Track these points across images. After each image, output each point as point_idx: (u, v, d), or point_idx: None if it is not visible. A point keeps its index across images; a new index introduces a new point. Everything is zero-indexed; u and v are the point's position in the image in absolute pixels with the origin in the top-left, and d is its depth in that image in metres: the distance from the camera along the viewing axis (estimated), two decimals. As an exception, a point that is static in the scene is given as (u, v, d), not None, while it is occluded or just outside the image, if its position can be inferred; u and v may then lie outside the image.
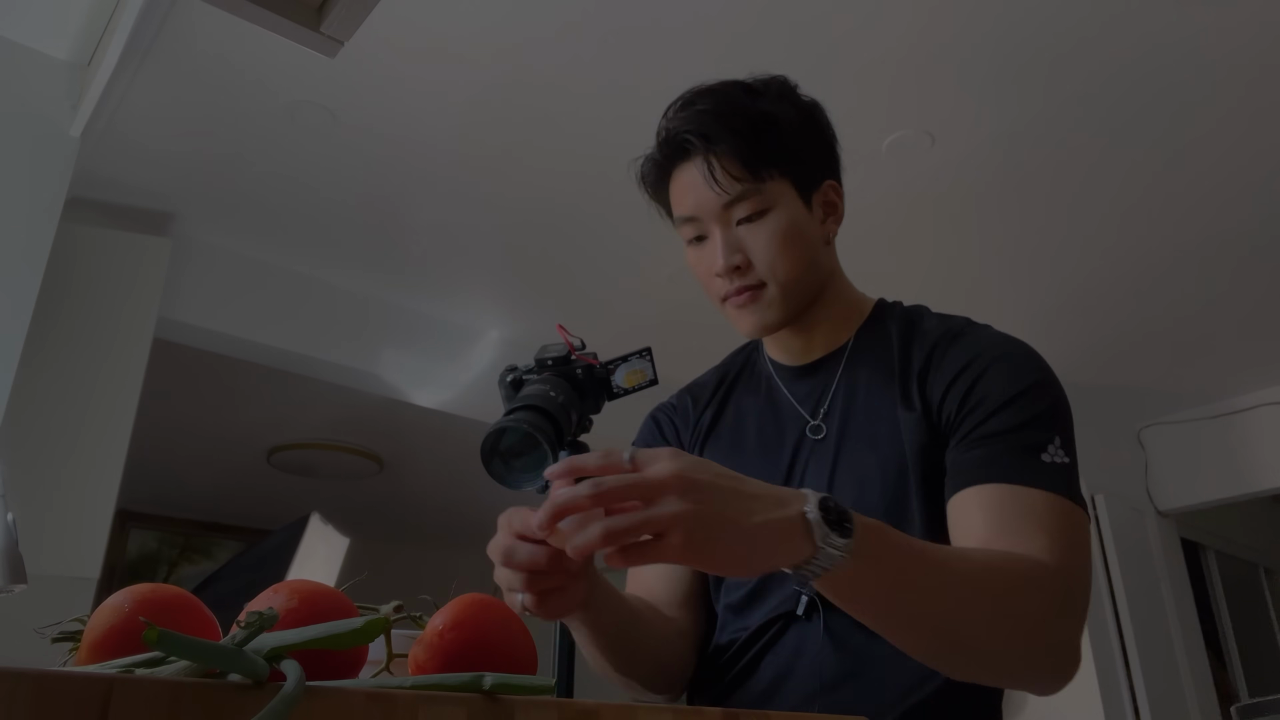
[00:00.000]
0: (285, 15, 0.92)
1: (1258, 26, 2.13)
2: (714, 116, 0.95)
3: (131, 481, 2.43)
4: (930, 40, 2.18)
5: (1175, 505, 4.34)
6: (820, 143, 1.02)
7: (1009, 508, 0.82)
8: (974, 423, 0.88)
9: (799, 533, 0.63)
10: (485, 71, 2.27)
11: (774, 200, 0.95)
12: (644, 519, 0.59)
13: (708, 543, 0.60)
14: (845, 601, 0.69)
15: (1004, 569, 0.76)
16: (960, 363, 0.92)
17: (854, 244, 3.32)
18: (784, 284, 0.95)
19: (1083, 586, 0.81)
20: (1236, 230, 2.95)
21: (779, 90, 1.01)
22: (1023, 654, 0.76)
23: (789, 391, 1.04)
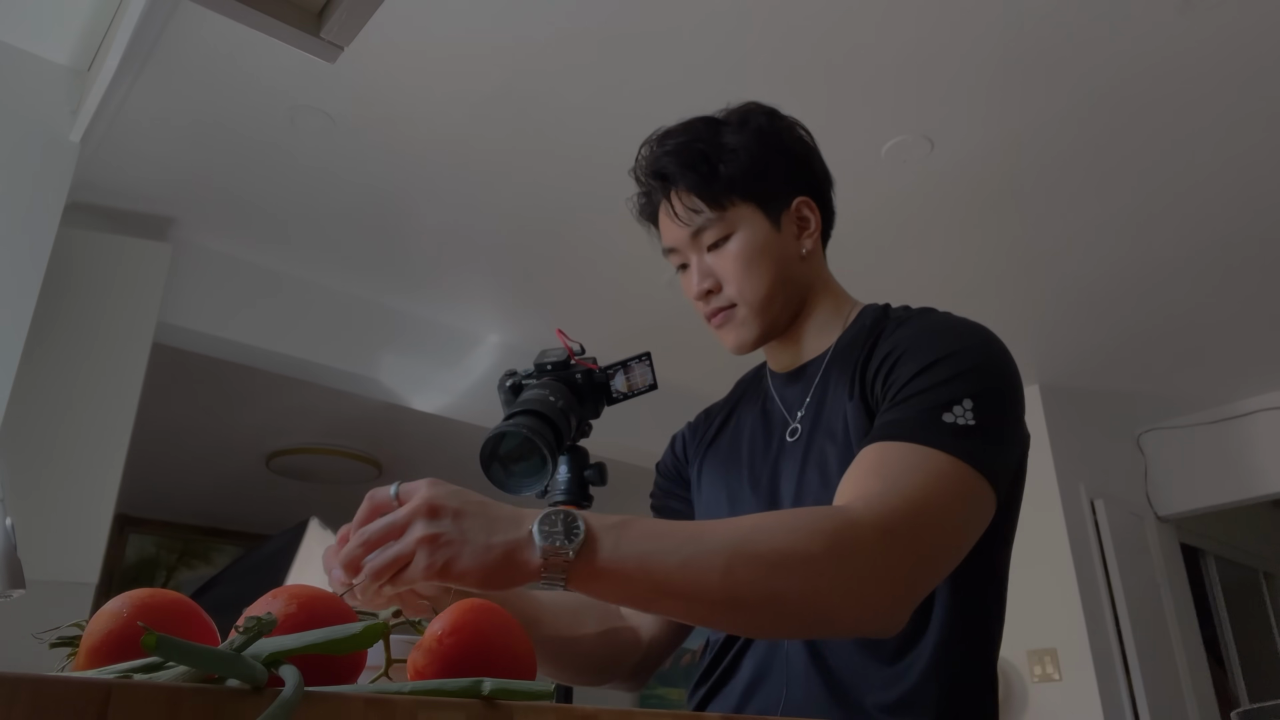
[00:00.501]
0: (285, 21, 0.92)
1: (1255, 32, 2.14)
2: (672, 156, 1.02)
3: (130, 486, 2.43)
4: (929, 45, 2.19)
5: (1175, 510, 4.34)
6: (787, 163, 1.05)
7: (875, 461, 0.81)
8: (890, 394, 0.88)
9: (526, 547, 0.67)
10: (484, 77, 2.28)
11: (737, 224, 1.01)
12: (395, 554, 0.66)
13: (448, 563, 0.65)
14: (604, 596, 0.71)
15: (778, 523, 0.75)
16: (891, 345, 0.93)
17: (853, 248, 3.34)
18: (752, 303, 1.01)
19: (907, 533, 0.76)
20: (1236, 235, 2.96)
21: (742, 119, 1.05)
22: (809, 604, 0.73)
23: (779, 397, 1.07)
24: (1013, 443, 0.88)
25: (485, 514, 0.68)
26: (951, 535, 0.80)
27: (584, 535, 0.68)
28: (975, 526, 0.83)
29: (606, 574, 0.69)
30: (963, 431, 0.82)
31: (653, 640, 1.07)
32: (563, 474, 1.06)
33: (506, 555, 0.67)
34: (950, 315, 0.97)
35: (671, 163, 1.01)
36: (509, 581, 0.68)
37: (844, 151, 2.56)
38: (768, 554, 0.72)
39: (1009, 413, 0.88)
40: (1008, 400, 0.88)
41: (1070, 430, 4.10)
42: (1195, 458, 4.32)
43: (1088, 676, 3.60)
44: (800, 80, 2.30)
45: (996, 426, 0.84)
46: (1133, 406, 4.33)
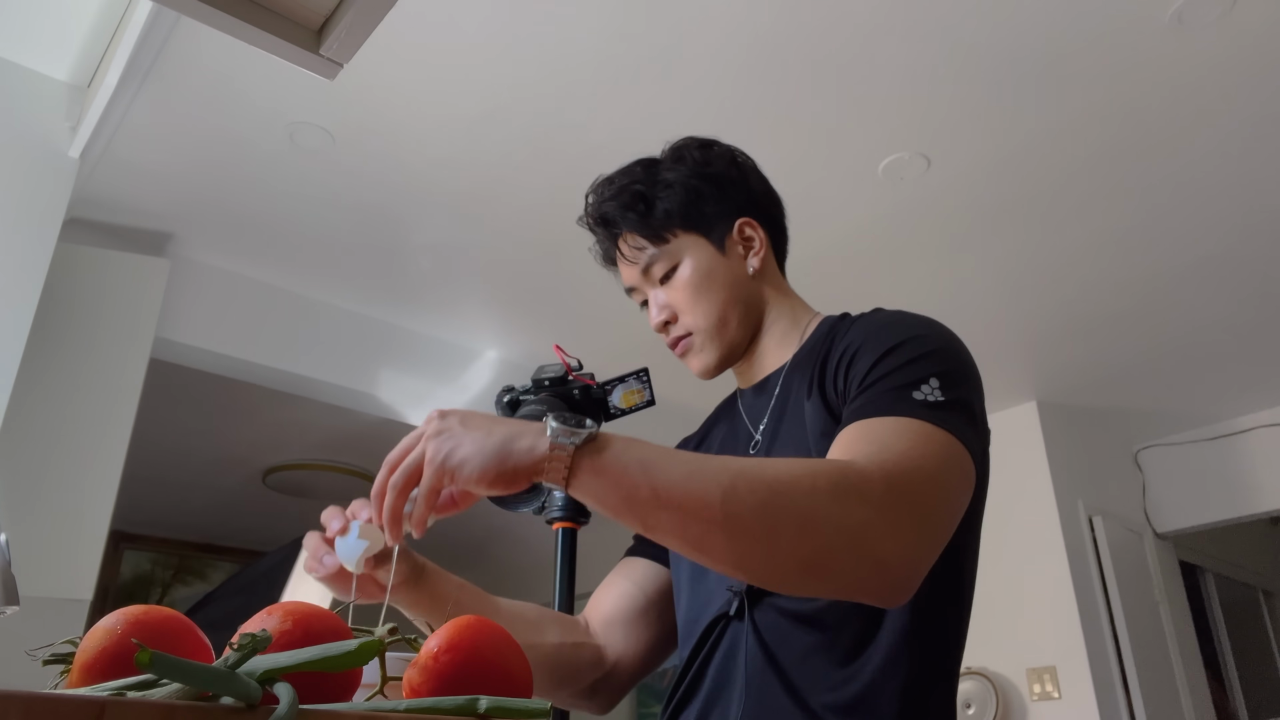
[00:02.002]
0: (284, 38, 0.93)
1: (1249, 49, 2.16)
2: (612, 201, 1.08)
3: (126, 502, 2.42)
4: (925, 64, 2.20)
5: (1173, 527, 4.33)
6: (725, 187, 1.07)
7: (858, 436, 0.81)
8: (856, 383, 0.89)
9: (535, 433, 0.72)
10: (483, 94, 2.29)
11: (681, 254, 1.05)
12: (409, 458, 0.74)
13: (451, 452, 0.71)
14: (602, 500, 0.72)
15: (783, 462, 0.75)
16: (847, 342, 0.94)
17: (850, 264, 3.34)
18: (706, 328, 1.04)
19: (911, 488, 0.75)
20: (1232, 252, 2.97)
21: (677, 154, 1.10)
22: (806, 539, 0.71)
23: (744, 411, 1.09)
24: (980, 422, 0.88)
25: (490, 419, 0.74)
26: (947, 496, 0.80)
27: (593, 429, 0.72)
28: (963, 493, 0.83)
29: (609, 472, 0.71)
30: (935, 405, 0.82)
31: (619, 660, 1.06)
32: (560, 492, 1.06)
33: (507, 443, 0.71)
34: (902, 310, 0.99)
35: (612, 207, 1.07)
36: (511, 474, 0.71)
37: (841, 169, 2.57)
38: (771, 481, 0.71)
39: (974, 393, 0.89)
40: (971, 381, 0.89)
41: (1068, 447, 4.10)
42: (1193, 474, 4.32)
43: (1087, 694, 3.58)
44: (797, 98, 2.31)
45: (965, 403, 0.85)
46: (1130, 423, 4.33)
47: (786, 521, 0.71)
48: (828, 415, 0.92)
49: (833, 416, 0.91)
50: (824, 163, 2.54)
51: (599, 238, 1.11)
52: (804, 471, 0.73)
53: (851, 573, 0.73)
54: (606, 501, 0.72)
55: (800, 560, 0.72)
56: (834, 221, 2.80)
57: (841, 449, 0.82)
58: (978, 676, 3.78)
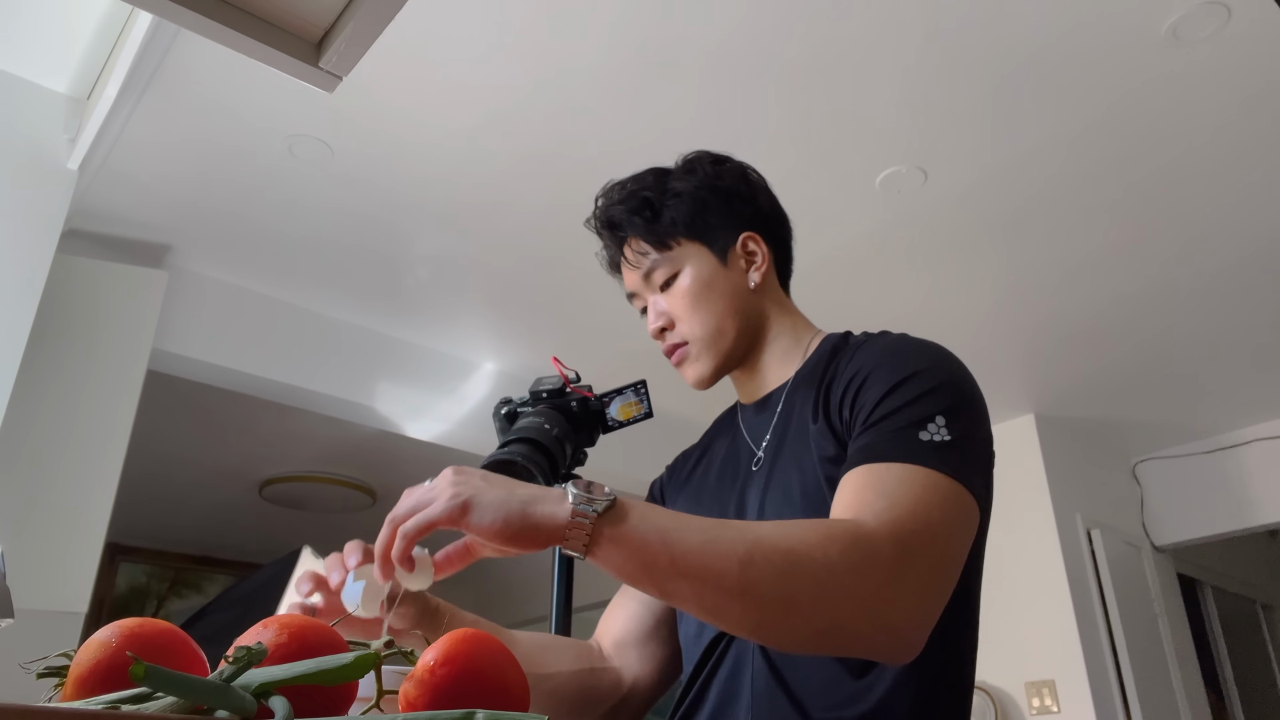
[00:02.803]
0: (284, 51, 0.93)
1: (1244, 63, 2.17)
2: (620, 205, 1.08)
3: (121, 514, 2.41)
4: (923, 78, 2.21)
5: (1171, 540, 4.33)
6: (733, 201, 1.08)
7: (867, 482, 0.82)
8: (861, 418, 0.89)
9: (556, 500, 0.71)
10: (482, 106, 2.30)
11: (683, 263, 1.06)
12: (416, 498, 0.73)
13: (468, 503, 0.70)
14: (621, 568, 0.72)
15: (797, 527, 0.76)
16: (854, 369, 0.94)
17: (847, 278, 3.35)
18: (702, 337, 1.05)
19: (920, 548, 0.77)
20: (1230, 265, 2.97)
21: (688, 166, 1.11)
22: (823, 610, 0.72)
23: (745, 428, 1.09)
24: (986, 456, 0.90)
25: (511, 481, 0.74)
26: (954, 549, 0.81)
27: (613, 499, 0.71)
28: (967, 541, 0.84)
29: (629, 541, 0.71)
30: (941, 447, 0.83)
31: (636, 681, 1.06)
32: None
33: (528, 506, 0.70)
34: (907, 336, 0.98)
35: (620, 211, 1.08)
36: (529, 536, 0.70)
37: (838, 183, 2.58)
38: (787, 551, 0.72)
39: (979, 426, 0.89)
40: (976, 414, 0.90)
41: (1066, 460, 4.10)
42: (1191, 487, 4.32)
43: (1086, 708, 3.57)
44: (795, 112, 2.32)
45: (970, 441, 0.86)
46: (1128, 436, 4.34)
47: (803, 593, 0.72)
48: (834, 441, 0.92)
49: (838, 442, 0.91)
50: (822, 175, 2.55)
51: (605, 241, 1.11)
52: (818, 540, 0.74)
53: (865, 638, 0.75)
54: (625, 570, 0.72)
55: (816, 629, 0.74)
56: (831, 234, 2.80)
57: (850, 496, 0.82)
58: (976, 690, 3.76)
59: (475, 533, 0.70)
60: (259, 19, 0.91)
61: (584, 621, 1.09)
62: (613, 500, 0.71)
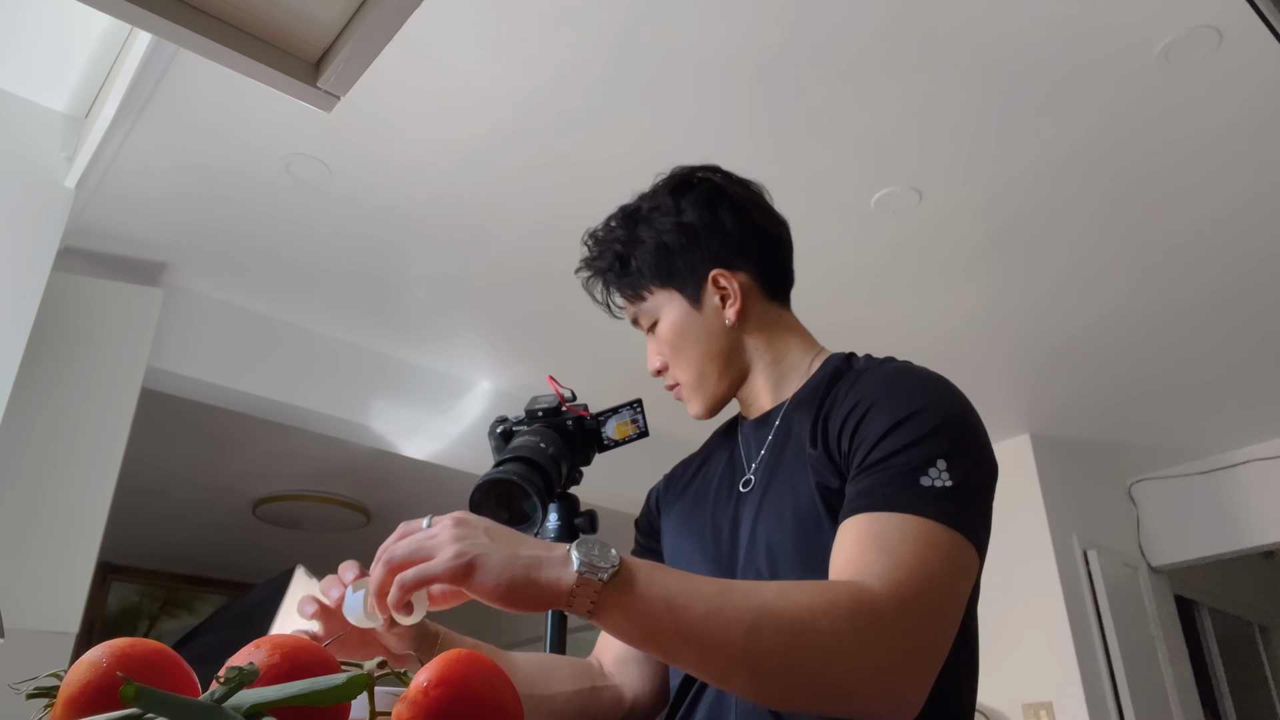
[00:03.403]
0: (282, 70, 0.93)
1: (1236, 86, 2.19)
2: (596, 263, 1.11)
3: (114, 533, 2.40)
4: (917, 99, 2.23)
5: (1168, 561, 4.32)
6: (696, 239, 1.06)
7: (869, 534, 0.81)
8: (860, 456, 0.88)
9: (560, 563, 0.70)
10: (479, 126, 2.31)
11: (659, 310, 1.07)
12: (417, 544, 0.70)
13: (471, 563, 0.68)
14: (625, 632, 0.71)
15: (802, 593, 0.75)
16: (855, 398, 0.93)
17: (843, 297, 3.35)
18: (687, 381, 1.07)
19: (922, 610, 0.77)
20: (1225, 285, 2.99)
21: (653, 203, 1.09)
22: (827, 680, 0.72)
23: (744, 443, 1.08)
24: (987, 498, 0.89)
25: (514, 536, 0.72)
26: (956, 605, 0.81)
27: (619, 563, 0.70)
28: (967, 591, 0.83)
29: (634, 608, 0.70)
30: (942, 494, 0.82)
31: (637, 698, 1.05)
32: (553, 521, 1.06)
33: (533, 569, 0.69)
34: (910, 366, 0.97)
35: (596, 268, 1.12)
36: (532, 599, 0.69)
37: (834, 202, 2.59)
38: (793, 621, 0.72)
39: (981, 466, 0.88)
40: (978, 454, 0.89)
41: (1062, 480, 4.10)
42: (1187, 508, 4.32)
43: (1084, 731, 3.55)
44: (791, 132, 2.33)
45: (971, 484, 0.85)
46: (1123, 456, 4.34)
47: (808, 664, 0.72)
48: (831, 468, 0.91)
49: (835, 471, 0.91)
50: (817, 196, 2.56)
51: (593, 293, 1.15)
52: (823, 607, 0.73)
53: (868, 703, 0.75)
54: (628, 635, 0.72)
55: (819, 697, 0.74)
56: (827, 254, 2.81)
57: (851, 549, 0.81)
58: (973, 712, 3.74)
59: (476, 594, 0.69)
60: (258, 39, 0.91)
61: (579, 643, 1.09)
62: (618, 565, 0.70)
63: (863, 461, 0.87)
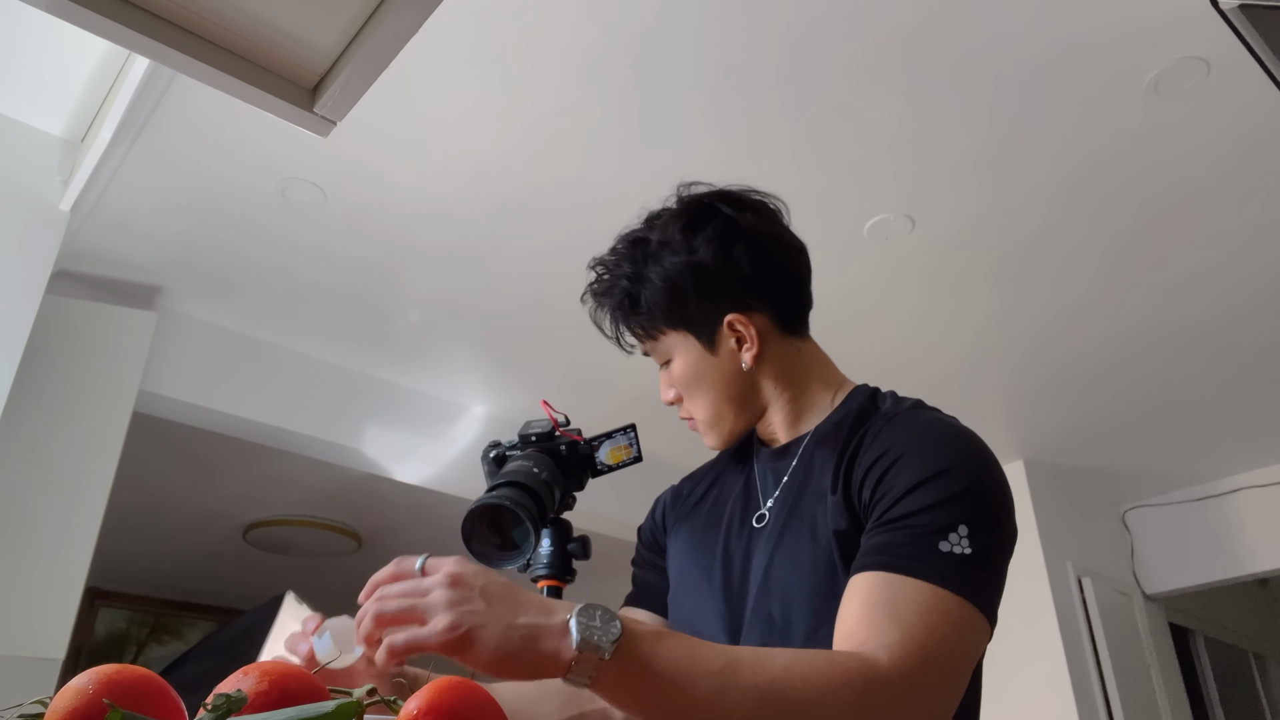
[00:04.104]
0: (280, 96, 0.94)
1: (1223, 118, 2.21)
2: (603, 299, 1.07)
3: (102, 558, 2.38)
4: (910, 127, 2.25)
5: (1162, 589, 4.31)
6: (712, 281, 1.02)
7: (881, 597, 0.79)
8: (881, 509, 0.86)
9: (559, 634, 0.66)
10: (474, 152, 2.32)
11: (672, 350, 1.05)
12: (410, 604, 0.66)
13: (468, 635, 0.64)
14: (625, 705, 0.69)
15: (810, 669, 0.73)
16: (882, 448, 0.90)
17: (836, 324, 3.36)
18: (704, 420, 1.06)
19: (930, 687, 0.76)
20: (1217, 313, 3.01)
21: (661, 240, 1.03)
22: None
23: (760, 473, 1.06)
24: (1004, 565, 0.87)
25: (512, 597, 0.67)
26: (961, 680, 0.80)
27: (621, 636, 0.67)
28: (974, 663, 0.83)
29: (635, 684, 0.67)
30: (960, 562, 0.80)
31: None
32: (545, 547, 1.05)
33: (529, 640, 0.66)
34: (940, 418, 0.95)
35: (604, 304, 1.08)
36: (528, 670, 0.66)
37: (827, 229, 2.61)
38: (801, 704, 0.70)
39: (1002, 536, 0.87)
40: (1000, 521, 0.87)
41: (1056, 506, 4.10)
42: (1181, 535, 4.32)
43: (1080, 760, 3.52)
44: (784, 159, 2.35)
45: (990, 553, 0.84)
46: (1117, 483, 4.34)
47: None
48: (850, 519, 0.90)
49: (855, 521, 0.89)
50: (811, 223, 2.55)
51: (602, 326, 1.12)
52: (832, 687, 0.72)
53: None
54: (629, 707, 0.70)
55: None
56: (821, 280, 2.78)
57: (861, 612, 0.80)
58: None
59: (470, 665, 0.66)
60: (255, 64, 0.92)
61: None
62: (619, 635, 0.67)
63: (883, 516, 0.85)
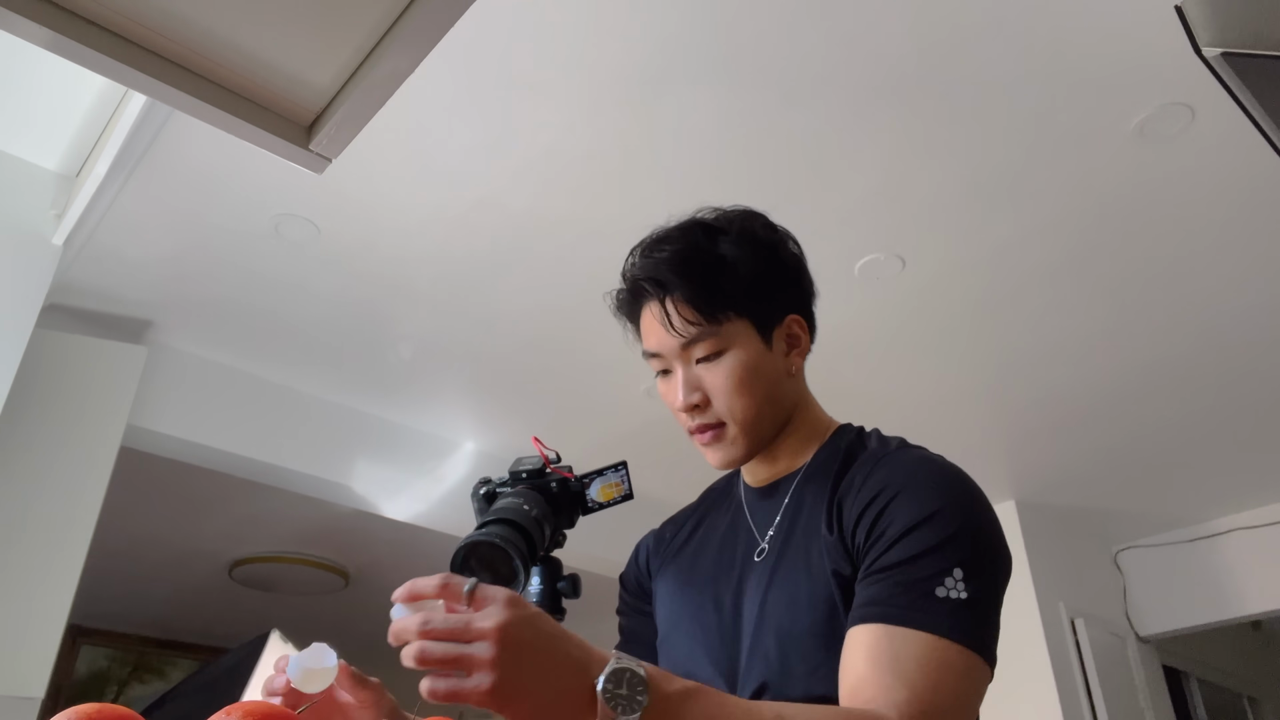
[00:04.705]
0: (276, 134, 0.95)
1: (1209, 160, 2.25)
2: (670, 264, 0.99)
3: (84, 595, 2.34)
4: (901, 169, 2.27)
5: (1156, 631, 4.28)
6: (782, 279, 1.04)
7: (884, 652, 0.80)
8: (875, 555, 0.86)
9: (587, 703, 0.66)
10: (467, 189, 2.33)
11: (731, 340, 0.98)
12: (456, 653, 0.64)
13: (509, 698, 0.64)
14: None
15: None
16: (873, 490, 0.91)
17: (827, 363, 3.36)
18: (742, 423, 0.99)
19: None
20: (1200, 355, 3.02)
21: (740, 229, 1.04)
22: None
23: (749, 512, 1.06)
24: (999, 604, 0.88)
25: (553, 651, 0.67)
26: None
27: (648, 704, 0.66)
28: (978, 707, 0.83)
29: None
30: (958, 608, 0.81)
31: None
32: (535, 586, 1.04)
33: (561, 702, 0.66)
34: (926, 457, 0.96)
35: (670, 271, 0.98)
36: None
37: (818, 268, 2.57)
38: None
39: (997, 574, 0.87)
40: (994, 559, 0.88)
41: (1048, 547, 4.08)
42: (1173, 577, 4.30)
43: (1075, 806, 3.47)
44: (776, 199, 2.36)
45: (987, 594, 0.84)
46: (1109, 523, 4.33)
47: None
48: (846, 558, 0.90)
49: (850, 560, 0.90)
50: (802, 262, 2.59)
51: (635, 291, 1.03)
52: None
53: None
54: None
55: None
56: (812, 319, 2.83)
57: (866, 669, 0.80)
58: (962, 786, 3.66)
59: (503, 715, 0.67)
60: (252, 102, 0.93)
61: None
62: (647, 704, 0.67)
63: (876, 562, 0.85)
